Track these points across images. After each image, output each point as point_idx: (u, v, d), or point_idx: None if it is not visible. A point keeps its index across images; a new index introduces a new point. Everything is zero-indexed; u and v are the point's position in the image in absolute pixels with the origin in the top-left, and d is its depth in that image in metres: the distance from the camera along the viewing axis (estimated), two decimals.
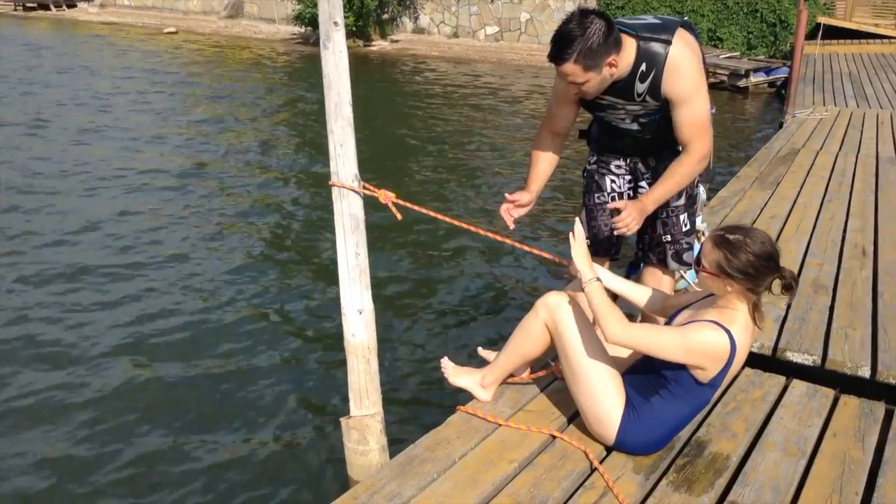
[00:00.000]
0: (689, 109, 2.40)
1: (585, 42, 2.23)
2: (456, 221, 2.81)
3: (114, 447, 3.57)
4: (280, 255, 6.09)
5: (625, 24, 2.38)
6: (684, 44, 2.37)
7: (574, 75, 2.31)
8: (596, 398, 2.33)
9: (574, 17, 2.27)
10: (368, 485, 2.22)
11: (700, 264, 2.16)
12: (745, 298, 2.14)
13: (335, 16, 2.20)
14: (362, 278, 2.43)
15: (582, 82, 2.34)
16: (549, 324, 2.43)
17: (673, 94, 2.39)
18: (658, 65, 2.36)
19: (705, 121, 2.43)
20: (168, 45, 19.01)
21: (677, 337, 2.14)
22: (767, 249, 2.08)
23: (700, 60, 2.42)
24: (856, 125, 8.07)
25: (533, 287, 5.30)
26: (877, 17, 17.23)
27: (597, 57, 2.27)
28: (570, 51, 2.24)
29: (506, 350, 2.61)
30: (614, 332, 2.17)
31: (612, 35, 2.27)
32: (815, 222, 4.73)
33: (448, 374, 2.73)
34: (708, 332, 2.12)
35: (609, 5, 17.71)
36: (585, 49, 2.24)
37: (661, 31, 2.35)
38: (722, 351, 2.12)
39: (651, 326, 2.25)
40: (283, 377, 4.24)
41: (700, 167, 2.50)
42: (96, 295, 5.14)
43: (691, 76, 2.37)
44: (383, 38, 19.60)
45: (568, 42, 2.24)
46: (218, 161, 8.79)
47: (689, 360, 2.15)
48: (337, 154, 2.32)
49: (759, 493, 2.22)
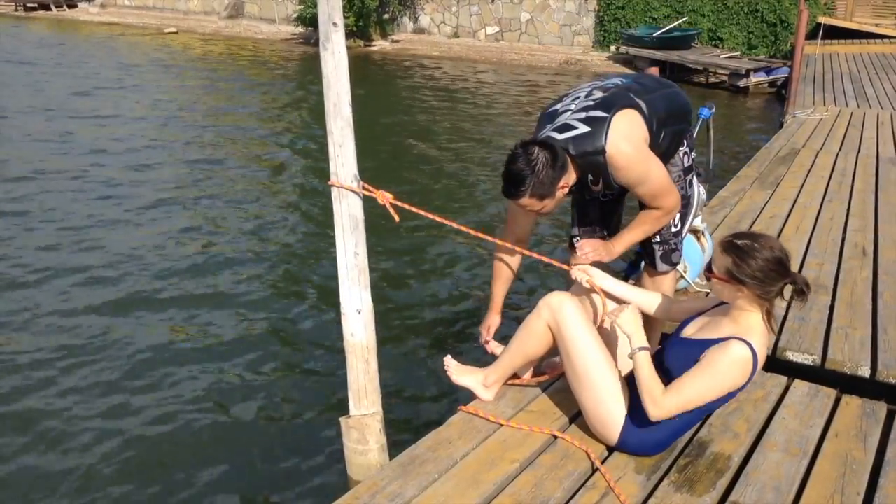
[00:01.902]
0: (645, 187, 2.49)
1: (536, 177, 2.34)
2: (454, 224, 2.81)
3: (109, 446, 3.57)
4: (279, 254, 6.09)
5: (556, 140, 2.43)
6: (619, 140, 2.40)
7: (530, 206, 2.44)
8: (599, 399, 2.33)
9: (519, 155, 2.36)
10: (370, 485, 2.22)
11: (711, 270, 2.16)
12: (757, 304, 2.13)
13: (334, 17, 2.20)
14: (361, 278, 2.43)
15: (539, 209, 2.46)
16: (551, 324, 2.42)
17: (625, 183, 2.49)
18: (603, 172, 2.45)
19: (664, 186, 2.51)
20: (168, 45, 19.02)
21: (707, 377, 2.11)
22: (777, 255, 2.08)
23: (643, 136, 2.46)
24: (856, 125, 8.07)
25: (532, 287, 5.30)
26: (877, 17, 17.23)
27: (548, 187, 2.38)
28: (524, 188, 2.37)
29: (509, 350, 2.61)
30: (654, 414, 2.16)
31: (557, 162, 2.37)
32: (816, 222, 4.73)
33: (451, 372, 2.73)
34: (732, 351, 2.09)
35: (609, 5, 17.72)
36: (537, 183, 2.35)
37: (592, 140, 2.40)
38: (748, 365, 2.11)
39: (679, 385, 2.16)
40: (283, 376, 4.24)
41: (668, 219, 2.61)
42: (96, 295, 5.14)
43: (636, 165, 2.43)
44: (384, 38, 19.61)
45: (520, 181, 2.36)
46: (217, 161, 8.79)
47: (725, 389, 2.15)
48: (336, 154, 2.32)
49: (760, 494, 2.22)
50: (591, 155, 2.41)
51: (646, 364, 2.19)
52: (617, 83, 2.59)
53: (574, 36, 18.49)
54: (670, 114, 2.57)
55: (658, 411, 2.16)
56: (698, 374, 2.14)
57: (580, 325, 2.36)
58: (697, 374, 2.14)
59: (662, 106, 2.55)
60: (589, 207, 2.81)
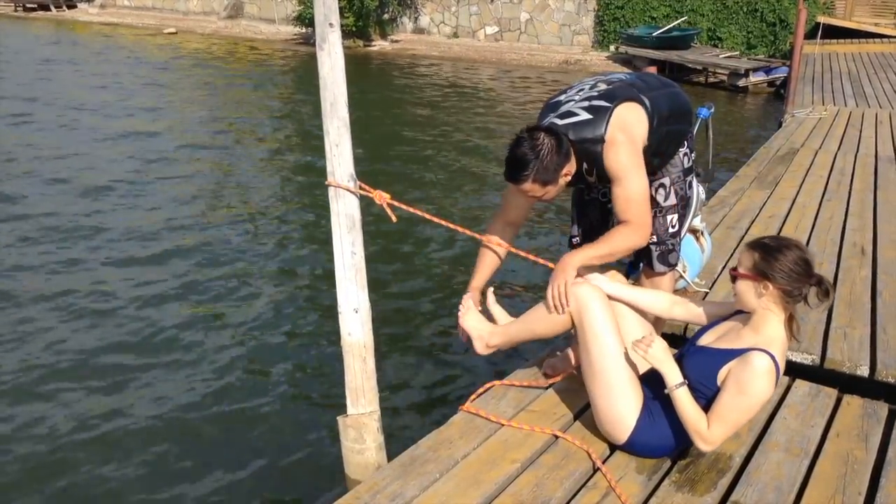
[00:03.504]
0: (621, 187, 2.44)
1: (540, 163, 2.33)
2: (451, 224, 2.81)
3: (109, 446, 3.57)
4: (277, 253, 6.09)
5: (557, 126, 2.42)
6: (617, 131, 2.39)
7: (532, 191, 2.42)
8: (613, 399, 2.29)
9: (524, 140, 2.35)
10: (371, 484, 2.21)
11: (736, 270, 2.15)
12: (780, 308, 2.11)
13: (330, 17, 2.21)
14: (358, 277, 2.43)
15: (541, 195, 2.44)
16: (574, 314, 2.36)
17: (609, 175, 2.46)
18: (598, 162, 2.44)
19: (639, 198, 2.45)
20: (168, 45, 19.01)
21: (741, 397, 2.10)
22: (804, 255, 2.08)
23: (642, 131, 2.44)
24: (855, 124, 8.07)
25: (531, 287, 5.29)
26: (876, 17, 17.24)
27: (552, 173, 2.37)
28: (527, 173, 2.35)
29: (519, 323, 2.57)
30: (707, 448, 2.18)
31: (562, 148, 2.36)
32: (814, 222, 4.73)
33: (461, 311, 2.67)
34: (756, 364, 2.07)
35: (609, 5, 17.73)
36: (541, 168, 2.34)
37: (593, 128, 2.39)
38: (773, 375, 2.10)
39: (721, 412, 2.14)
40: (281, 375, 4.24)
41: (636, 239, 2.49)
42: (94, 293, 5.13)
43: (623, 158, 2.41)
44: (383, 39, 19.61)
45: (523, 165, 2.34)
46: (216, 160, 8.79)
47: (762, 402, 2.14)
48: (333, 154, 2.32)
49: (762, 494, 2.21)
50: (589, 143, 2.41)
51: (688, 401, 2.16)
52: (621, 78, 2.59)
53: (573, 36, 18.50)
54: (672, 113, 2.57)
55: (709, 446, 2.19)
56: (734, 398, 2.12)
57: (605, 323, 2.30)
58: (733, 398, 2.12)
59: (665, 104, 2.54)
60: (588, 208, 2.80)
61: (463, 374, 4.25)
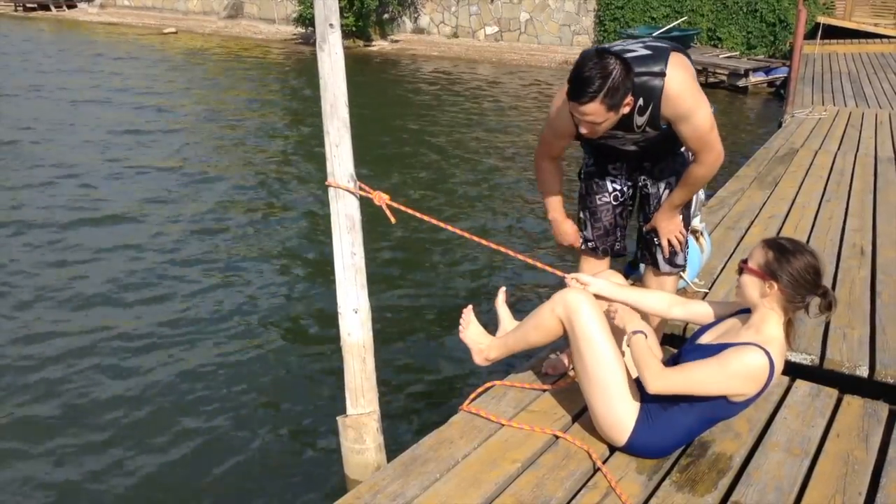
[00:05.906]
0: (690, 125, 2.39)
1: (611, 82, 2.20)
2: (449, 227, 2.80)
3: (108, 445, 3.57)
4: (277, 253, 6.08)
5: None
6: (678, 69, 2.35)
7: (595, 115, 2.27)
8: (609, 403, 2.29)
9: (592, 58, 2.23)
10: (371, 484, 2.21)
11: (745, 263, 2.15)
12: (781, 311, 2.12)
13: (330, 18, 2.21)
14: (358, 278, 2.43)
15: (601, 122, 2.30)
16: (564, 321, 2.37)
17: (673, 116, 2.39)
18: (655, 98, 2.35)
19: (710, 128, 2.41)
20: (168, 45, 19.00)
21: (715, 368, 2.10)
22: (817, 264, 2.08)
23: (694, 77, 2.42)
24: (854, 125, 8.07)
25: (531, 286, 5.29)
26: (876, 17, 17.23)
27: (618, 97, 2.24)
28: (593, 90, 2.21)
29: (514, 333, 2.58)
30: (654, 385, 2.13)
31: (629, 75, 2.26)
32: (814, 222, 4.73)
33: (462, 325, 2.69)
34: (748, 355, 2.08)
35: (608, 5, 17.72)
36: (611, 88, 2.21)
37: (653, 62, 2.34)
38: (762, 374, 2.09)
39: (687, 366, 2.17)
40: (281, 376, 4.24)
41: (714, 169, 2.49)
42: (93, 293, 5.13)
43: (689, 97, 2.36)
44: (383, 38, 19.60)
45: (590, 82, 2.21)
46: (216, 160, 8.79)
47: (731, 389, 2.12)
48: (333, 155, 2.32)
49: (762, 494, 2.22)
50: (649, 76, 2.32)
51: (641, 346, 2.18)
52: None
53: (573, 36, 18.49)
54: None
55: (658, 381, 2.13)
56: (709, 363, 2.13)
57: (595, 326, 2.30)
58: (708, 363, 2.13)
59: None
60: (600, 212, 2.79)
61: (463, 374, 4.25)
